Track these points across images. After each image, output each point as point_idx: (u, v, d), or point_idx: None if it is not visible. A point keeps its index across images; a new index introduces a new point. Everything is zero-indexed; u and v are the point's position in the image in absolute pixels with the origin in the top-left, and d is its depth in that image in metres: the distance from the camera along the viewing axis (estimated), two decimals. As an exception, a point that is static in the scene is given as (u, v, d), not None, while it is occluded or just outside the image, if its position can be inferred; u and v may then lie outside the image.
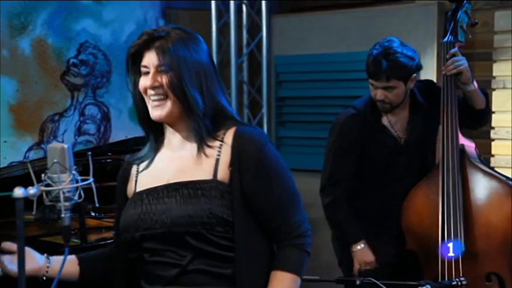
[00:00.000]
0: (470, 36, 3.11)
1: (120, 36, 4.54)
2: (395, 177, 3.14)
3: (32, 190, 1.61)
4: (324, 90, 4.52)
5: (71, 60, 4.36)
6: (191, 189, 1.83)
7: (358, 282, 2.38)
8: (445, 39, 3.03)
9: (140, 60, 1.89)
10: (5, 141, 4.11)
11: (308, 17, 4.60)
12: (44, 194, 1.67)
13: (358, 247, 3.11)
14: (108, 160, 3.24)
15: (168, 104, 1.86)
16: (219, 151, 1.86)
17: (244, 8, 4.85)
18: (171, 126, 1.92)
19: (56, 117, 4.33)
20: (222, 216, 1.81)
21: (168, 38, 1.88)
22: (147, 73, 1.87)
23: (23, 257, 1.57)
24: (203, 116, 1.86)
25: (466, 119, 3.05)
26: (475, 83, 3.03)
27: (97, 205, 1.98)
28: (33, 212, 1.64)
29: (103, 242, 2.76)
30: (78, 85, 4.40)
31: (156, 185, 1.89)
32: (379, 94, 3.06)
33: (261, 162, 1.85)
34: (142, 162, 1.99)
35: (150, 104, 1.88)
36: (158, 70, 1.86)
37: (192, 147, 1.89)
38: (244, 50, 4.87)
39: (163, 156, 1.95)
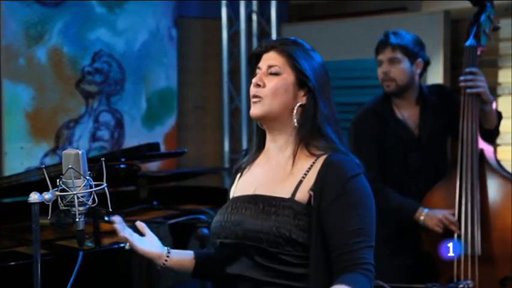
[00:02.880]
0: (492, 41, 3.10)
1: (133, 44, 4.60)
2: (410, 174, 3.14)
3: (47, 195, 1.66)
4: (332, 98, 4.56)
5: (86, 69, 4.42)
6: (267, 205, 1.83)
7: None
8: (468, 43, 3.01)
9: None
10: (22, 148, 4.17)
11: (317, 25, 4.65)
12: (59, 199, 1.70)
13: (423, 213, 3.01)
14: (122, 166, 3.29)
15: (264, 103, 1.85)
16: (306, 173, 1.84)
17: (254, 16, 4.92)
18: (271, 132, 1.91)
19: (71, 124, 4.37)
20: (289, 236, 1.78)
21: (287, 43, 1.90)
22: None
23: (38, 258, 1.63)
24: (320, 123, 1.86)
25: (482, 134, 3.05)
26: (494, 104, 3.01)
27: (110, 210, 2.04)
28: (49, 217, 1.68)
29: (116, 246, 2.82)
30: (92, 93, 4.45)
31: (244, 193, 1.91)
32: (383, 67, 3.07)
33: (344, 193, 1.78)
34: (246, 167, 2.00)
35: (251, 102, 1.89)
36: (269, 71, 1.88)
37: (285, 158, 1.89)
38: (255, 58, 4.94)
39: (260, 163, 1.96)
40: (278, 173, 1.89)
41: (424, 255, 3.07)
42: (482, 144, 3.00)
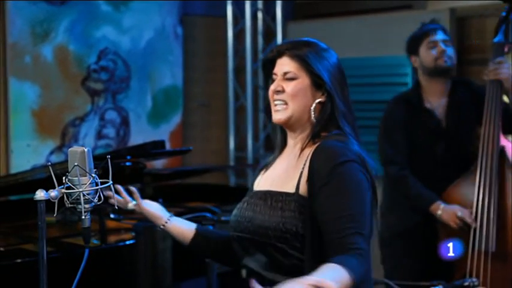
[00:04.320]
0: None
1: (139, 42, 4.61)
2: (437, 163, 3.19)
3: (53, 193, 1.67)
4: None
5: (92, 66, 4.43)
6: (274, 201, 1.86)
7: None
8: (496, 39, 3.08)
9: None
10: (28, 145, 4.19)
11: (322, 23, 4.65)
12: (64, 197, 1.70)
13: (441, 207, 3.05)
14: (127, 164, 3.30)
15: (287, 109, 1.91)
16: (304, 164, 1.87)
17: (259, 14, 4.93)
18: (291, 130, 1.96)
19: (77, 122, 4.39)
20: (296, 230, 1.81)
21: (299, 47, 1.93)
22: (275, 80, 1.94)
23: (44, 255, 1.64)
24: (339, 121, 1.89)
25: (505, 125, 3.09)
26: None
27: (116, 207, 2.05)
28: (55, 214, 1.69)
29: (122, 244, 2.83)
30: (98, 90, 4.47)
31: (261, 188, 1.96)
32: (440, 46, 3.18)
33: (331, 180, 1.79)
34: (270, 163, 2.03)
35: (272, 108, 1.94)
36: (285, 77, 1.92)
37: (295, 154, 1.93)
38: (260, 56, 4.94)
39: (281, 159, 2.00)
40: (289, 167, 1.93)
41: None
42: (505, 142, 3.04)
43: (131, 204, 2.22)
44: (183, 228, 2.12)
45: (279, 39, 4.85)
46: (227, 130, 5.03)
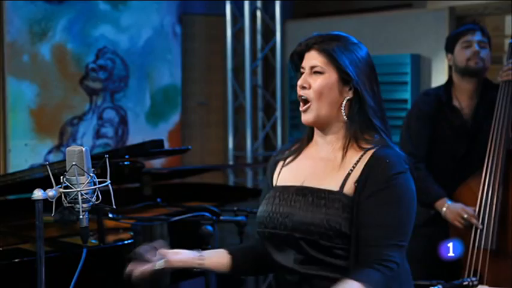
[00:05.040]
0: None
1: (137, 41, 4.61)
2: (455, 161, 3.19)
3: (51, 192, 1.66)
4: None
5: (90, 66, 4.43)
6: (316, 198, 1.84)
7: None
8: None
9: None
10: (26, 144, 4.19)
11: (321, 22, 4.65)
12: (62, 196, 1.70)
13: (446, 204, 3.07)
14: (126, 163, 3.29)
15: (312, 108, 1.88)
16: (354, 166, 1.85)
17: (258, 13, 4.92)
18: (321, 128, 1.93)
19: (75, 121, 4.39)
20: (339, 228, 1.79)
21: (327, 41, 1.90)
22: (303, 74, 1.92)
23: (42, 255, 1.63)
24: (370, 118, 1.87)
25: None
26: None
27: (114, 207, 2.04)
28: (53, 214, 1.68)
29: (120, 243, 2.82)
30: (96, 89, 4.47)
31: (292, 184, 1.92)
32: (473, 47, 3.17)
33: (386, 188, 1.80)
34: (290, 156, 2.00)
35: (300, 107, 1.92)
36: (312, 71, 1.90)
37: (335, 152, 1.90)
38: (259, 55, 4.94)
39: (308, 155, 1.96)
40: (327, 166, 1.90)
41: None
42: None
43: (159, 263, 2.00)
44: (217, 258, 2.00)
45: (278, 38, 4.84)
46: (226, 129, 5.03)
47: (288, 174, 1.97)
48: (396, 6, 4.45)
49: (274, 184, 1.99)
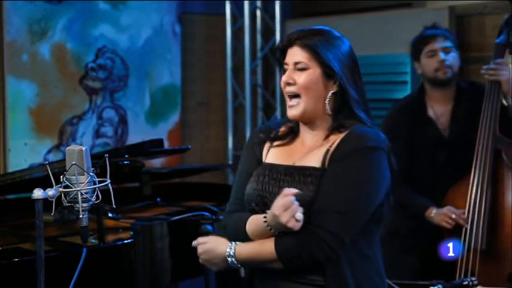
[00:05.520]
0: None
1: (137, 41, 4.60)
2: (436, 172, 3.16)
3: (51, 191, 1.66)
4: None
5: (89, 65, 4.42)
6: (302, 175, 1.86)
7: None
8: (498, 40, 3.06)
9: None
10: (25, 144, 4.18)
11: (320, 21, 4.62)
12: (62, 196, 1.70)
13: (434, 211, 3.05)
14: (125, 162, 3.29)
15: (301, 103, 1.90)
16: (332, 143, 1.88)
17: (258, 12, 4.92)
18: (306, 124, 1.95)
19: (75, 121, 4.38)
20: None
21: (309, 36, 1.91)
22: (287, 70, 1.93)
23: (42, 254, 1.63)
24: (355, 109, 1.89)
25: (505, 127, 3.07)
26: None
27: (114, 206, 2.03)
28: (52, 213, 1.69)
29: (120, 243, 2.82)
30: (96, 89, 4.46)
31: (282, 163, 1.94)
32: (439, 56, 3.10)
33: (352, 157, 1.83)
34: (277, 140, 2.01)
35: (287, 103, 1.94)
36: (296, 67, 1.91)
37: (320, 140, 1.93)
38: (259, 54, 4.94)
39: (296, 144, 1.98)
40: (311, 148, 1.93)
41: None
42: (504, 142, 3.01)
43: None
44: None
45: (278, 38, 4.84)
46: (226, 129, 5.03)
47: (278, 152, 1.98)
48: (396, 6, 4.45)
49: (263, 160, 2.00)
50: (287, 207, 1.73)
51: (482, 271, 2.89)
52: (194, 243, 1.97)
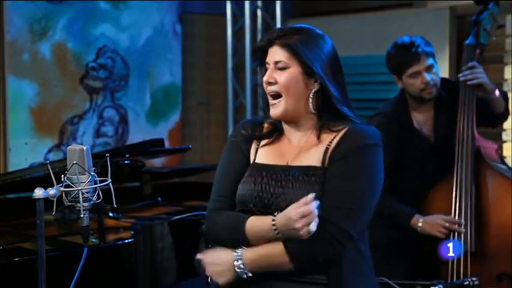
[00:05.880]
0: (494, 39, 3.10)
1: (137, 40, 4.61)
2: (426, 180, 3.12)
3: (51, 191, 1.66)
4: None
5: (90, 64, 4.43)
6: (305, 175, 1.85)
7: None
8: (467, 41, 3.03)
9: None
10: (26, 143, 4.18)
11: (321, 21, 4.64)
12: (63, 195, 1.70)
13: (421, 220, 2.98)
14: (126, 162, 3.29)
15: (282, 102, 1.89)
16: (331, 142, 1.88)
17: (259, 12, 4.92)
18: (290, 124, 1.94)
19: (75, 120, 4.39)
20: None
21: (289, 35, 1.90)
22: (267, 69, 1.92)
23: (43, 254, 1.63)
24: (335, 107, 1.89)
25: (484, 119, 3.06)
26: (497, 91, 3.02)
27: (115, 206, 2.03)
28: (53, 212, 1.68)
29: (121, 242, 2.82)
30: (96, 88, 4.46)
31: (276, 163, 1.92)
32: (424, 76, 2.99)
33: (354, 155, 1.84)
34: (264, 139, 1.99)
35: (269, 102, 1.92)
36: (277, 67, 1.90)
37: (309, 137, 1.92)
38: (259, 54, 4.93)
39: (286, 136, 1.97)
40: (304, 147, 1.92)
41: (426, 256, 3.06)
42: (483, 142, 3.00)
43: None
44: None
45: (279, 37, 4.84)
46: (226, 129, 5.02)
47: (268, 153, 1.97)
48: (397, 6, 4.45)
49: (252, 161, 1.98)
50: (306, 215, 1.73)
51: (472, 273, 2.87)
52: (198, 256, 1.95)
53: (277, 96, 1.90)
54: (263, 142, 1.99)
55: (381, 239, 3.16)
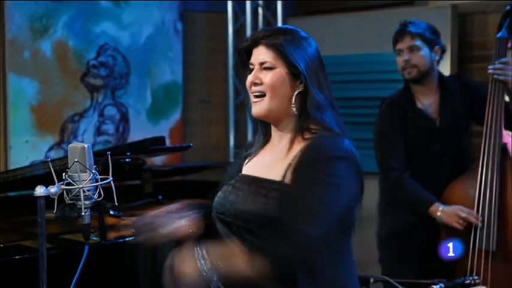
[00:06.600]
0: None
1: (138, 38, 4.60)
2: (433, 161, 3.15)
3: (53, 189, 1.66)
4: (337, 92, 4.52)
5: (91, 62, 4.43)
6: (256, 187, 1.85)
7: (372, 280, 2.40)
8: (499, 34, 3.02)
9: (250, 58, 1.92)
10: (27, 141, 4.18)
11: (323, 19, 4.64)
12: (64, 193, 1.70)
13: (440, 208, 3.01)
14: (127, 160, 3.29)
15: (266, 101, 1.87)
16: (295, 156, 1.84)
17: (260, 10, 4.91)
18: (274, 123, 1.93)
19: (76, 118, 4.39)
20: (276, 218, 1.76)
21: (275, 35, 1.88)
22: (253, 70, 1.91)
23: (44, 252, 1.63)
24: (316, 111, 1.86)
25: (506, 122, 3.06)
26: None
27: (116, 204, 2.03)
28: (54, 210, 1.69)
29: (122, 240, 2.82)
30: (97, 86, 4.46)
31: (250, 173, 1.92)
32: (403, 55, 3.09)
33: (307, 166, 1.78)
34: (254, 149, 2.00)
35: (251, 101, 1.91)
36: (262, 67, 1.88)
37: (284, 144, 1.90)
38: (260, 52, 4.93)
39: (266, 150, 1.97)
40: (274, 157, 1.91)
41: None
42: (506, 139, 3.00)
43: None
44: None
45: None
46: (227, 127, 5.02)
47: (249, 165, 1.98)
48: (398, 4, 4.44)
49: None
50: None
51: (490, 273, 2.86)
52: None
53: (261, 96, 1.89)
54: (253, 154, 2.00)
55: (393, 227, 3.18)
